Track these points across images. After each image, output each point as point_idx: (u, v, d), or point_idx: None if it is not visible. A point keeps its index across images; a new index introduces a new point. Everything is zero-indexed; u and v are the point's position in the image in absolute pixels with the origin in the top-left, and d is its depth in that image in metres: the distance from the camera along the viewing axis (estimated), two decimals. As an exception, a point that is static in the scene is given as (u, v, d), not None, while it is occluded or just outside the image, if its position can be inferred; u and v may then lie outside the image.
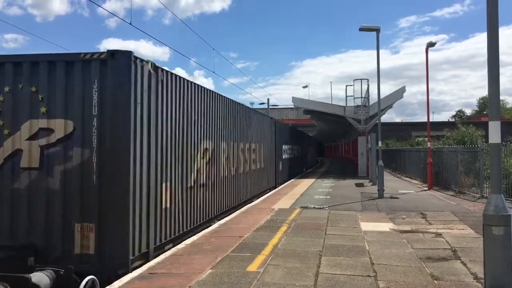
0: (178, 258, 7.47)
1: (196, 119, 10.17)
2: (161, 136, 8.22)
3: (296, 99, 32.36)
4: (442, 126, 39.71)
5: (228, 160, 12.98)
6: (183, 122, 9.34)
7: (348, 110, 29.02)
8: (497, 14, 5.32)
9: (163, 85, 8.29)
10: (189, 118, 9.72)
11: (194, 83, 10.11)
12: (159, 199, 8.06)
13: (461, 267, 6.83)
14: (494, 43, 5.31)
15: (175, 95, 8.89)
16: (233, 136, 13.53)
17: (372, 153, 24.03)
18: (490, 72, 5.33)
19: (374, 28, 18.22)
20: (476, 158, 16.60)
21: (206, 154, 10.80)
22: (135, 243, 7.13)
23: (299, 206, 13.94)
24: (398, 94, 29.02)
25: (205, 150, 10.77)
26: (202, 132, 10.61)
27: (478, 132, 24.36)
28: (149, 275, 6.51)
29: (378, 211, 13.00)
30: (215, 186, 11.64)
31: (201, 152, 10.49)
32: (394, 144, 50.17)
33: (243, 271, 6.61)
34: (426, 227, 10.32)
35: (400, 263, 7.04)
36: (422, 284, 5.99)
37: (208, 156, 10.98)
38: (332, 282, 6.05)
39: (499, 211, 5.11)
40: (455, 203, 14.67)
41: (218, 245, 8.36)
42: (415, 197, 16.86)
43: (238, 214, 12.47)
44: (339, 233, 9.51)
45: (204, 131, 10.79)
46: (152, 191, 7.72)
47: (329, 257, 7.39)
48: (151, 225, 7.69)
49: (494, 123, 5.33)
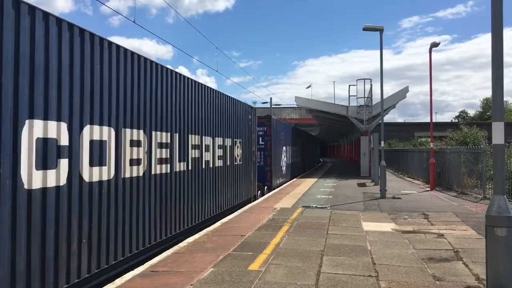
0: (180, 256, 7.48)
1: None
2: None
3: (299, 98, 32.30)
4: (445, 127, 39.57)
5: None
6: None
7: (351, 110, 28.97)
8: (501, 14, 5.31)
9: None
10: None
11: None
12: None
13: (463, 268, 6.81)
14: (498, 43, 5.29)
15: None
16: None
17: (374, 153, 24.00)
18: (494, 73, 5.32)
19: (378, 28, 18.19)
20: (478, 159, 16.56)
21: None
22: None
23: (301, 206, 13.94)
24: (401, 94, 28.94)
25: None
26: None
27: (481, 133, 24.28)
28: (151, 273, 6.52)
29: (380, 211, 12.99)
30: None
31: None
32: (397, 144, 50.03)
33: (244, 270, 6.62)
34: (428, 227, 10.30)
35: (402, 264, 7.03)
36: (424, 284, 5.98)
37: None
38: (333, 281, 6.04)
39: (502, 212, 5.10)
40: (457, 204, 14.64)
41: (220, 244, 8.37)
42: (417, 198, 16.83)
43: (240, 213, 12.48)
44: (341, 233, 9.51)
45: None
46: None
47: (330, 257, 7.39)
48: None
49: (497, 124, 5.32)
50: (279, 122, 22.77)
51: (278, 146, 21.92)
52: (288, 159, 25.64)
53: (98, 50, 6.68)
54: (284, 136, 24.17)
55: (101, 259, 6.60)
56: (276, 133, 21.02)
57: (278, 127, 21.92)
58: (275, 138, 20.49)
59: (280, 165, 22.55)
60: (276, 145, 20.67)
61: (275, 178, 20.58)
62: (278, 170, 21.86)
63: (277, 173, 21.23)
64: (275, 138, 20.71)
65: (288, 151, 25.70)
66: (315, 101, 33.30)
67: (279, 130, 22.23)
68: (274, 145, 20.00)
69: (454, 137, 24.52)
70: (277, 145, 21.07)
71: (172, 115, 9.25)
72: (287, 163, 25.05)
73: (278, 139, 21.67)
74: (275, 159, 20.29)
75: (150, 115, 8.25)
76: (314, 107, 32.01)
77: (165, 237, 8.79)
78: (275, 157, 20.55)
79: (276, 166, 20.97)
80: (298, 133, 32.88)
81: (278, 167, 21.84)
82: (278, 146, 21.90)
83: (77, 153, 6.14)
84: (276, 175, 20.89)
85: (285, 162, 24.45)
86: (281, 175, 22.96)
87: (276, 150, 20.83)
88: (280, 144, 22.71)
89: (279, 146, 22.06)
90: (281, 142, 23.08)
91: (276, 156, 20.64)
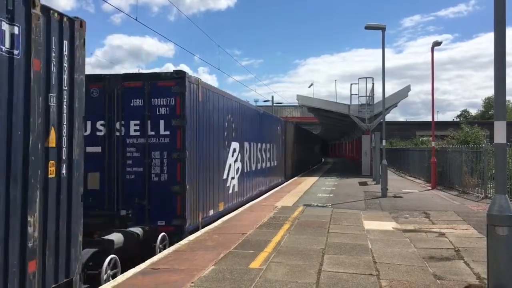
0: (181, 254, 7.49)
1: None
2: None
3: (300, 97, 32.27)
4: (446, 126, 39.60)
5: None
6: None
7: (353, 108, 28.94)
8: (504, 13, 5.29)
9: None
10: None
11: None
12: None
13: (464, 267, 6.81)
14: (501, 42, 5.28)
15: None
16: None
17: (375, 152, 23.97)
18: (497, 72, 5.31)
19: (380, 26, 18.16)
20: (480, 158, 16.54)
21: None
22: None
23: (302, 204, 13.94)
24: (403, 93, 28.90)
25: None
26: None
27: (482, 132, 24.28)
28: (152, 271, 6.54)
29: (381, 210, 12.98)
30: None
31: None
32: (398, 143, 49.95)
33: (245, 268, 6.62)
34: (429, 226, 10.30)
35: (403, 262, 7.03)
36: (425, 283, 5.98)
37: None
38: (334, 280, 6.05)
39: (503, 211, 5.09)
40: (458, 203, 14.63)
41: (221, 242, 8.38)
42: (418, 197, 16.82)
43: (241, 211, 12.48)
44: (342, 232, 9.51)
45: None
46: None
47: (331, 255, 7.39)
48: None
49: (499, 123, 5.31)
50: (215, 93, 11.46)
51: (219, 140, 11.71)
52: (253, 164, 15.99)
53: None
54: (244, 123, 14.48)
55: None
56: (208, 113, 10.74)
57: (214, 100, 11.24)
58: (202, 122, 10.30)
59: (223, 179, 12.10)
60: (204, 138, 10.44)
61: (199, 208, 9.93)
62: (214, 190, 11.16)
63: (209, 197, 10.67)
64: (204, 122, 10.46)
65: (254, 150, 16.07)
66: (317, 100, 33.24)
67: (220, 109, 11.82)
68: (198, 138, 10.02)
69: (455, 136, 24.51)
70: (211, 139, 10.94)
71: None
72: (248, 171, 15.08)
73: (213, 126, 11.19)
74: (200, 167, 10.02)
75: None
76: (316, 105, 31.96)
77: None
78: (202, 163, 10.21)
79: (206, 183, 10.50)
80: (300, 132, 32.83)
81: (214, 185, 11.20)
82: (218, 141, 11.68)
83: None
84: (203, 201, 10.23)
85: (244, 170, 14.51)
86: (228, 198, 12.50)
87: (205, 149, 10.49)
88: (226, 138, 12.45)
89: (220, 141, 11.82)
90: (229, 133, 12.73)
91: (205, 160, 10.46)
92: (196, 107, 9.87)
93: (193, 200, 9.56)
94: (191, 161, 9.44)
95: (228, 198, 12.58)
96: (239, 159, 13.84)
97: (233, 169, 13.13)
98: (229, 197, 12.65)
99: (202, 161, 10.30)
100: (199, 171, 10.04)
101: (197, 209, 9.77)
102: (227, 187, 12.54)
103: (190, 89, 9.51)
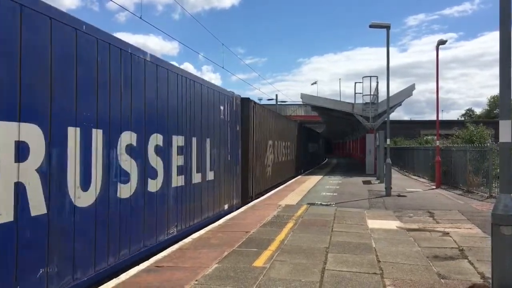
0: (185, 252, 7.51)
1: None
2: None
3: (304, 95, 32.24)
4: (451, 125, 39.38)
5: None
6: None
7: (357, 107, 28.89)
8: (509, 11, 5.26)
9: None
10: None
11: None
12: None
13: (468, 267, 6.79)
14: (506, 41, 5.25)
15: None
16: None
17: (380, 150, 23.92)
18: (502, 70, 5.28)
19: (385, 25, 18.11)
20: (485, 157, 16.47)
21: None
22: None
23: (306, 203, 13.94)
24: (407, 91, 28.81)
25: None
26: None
27: (487, 131, 24.12)
28: (156, 268, 6.56)
29: (385, 209, 12.96)
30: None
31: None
32: (403, 142, 49.78)
33: (249, 266, 6.63)
34: (434, 225, 10.27)
35: (407, 261, 7.02)
36: (429, 282, 5.97)
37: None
38: (338, 278, 6.05)
39: (508, 210, 5.07)
40: (463, 202, 14.57)
41: (224, 240, 8.39)
42: (422, 196, 16.77)
43: (245, 209, 12.50)
44: (345, 230, 9.50)
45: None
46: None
47: (335, 254, 7.39)
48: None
49: (505, 122, 5.28)
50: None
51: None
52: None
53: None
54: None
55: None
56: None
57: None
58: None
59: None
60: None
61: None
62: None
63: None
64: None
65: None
66: (321, 98, 33.19)
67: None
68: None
69: (460, 135, 24.38)
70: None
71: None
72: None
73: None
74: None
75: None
76: (320, 104, 31.92)
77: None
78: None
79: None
80: (304, 131, 32.80)
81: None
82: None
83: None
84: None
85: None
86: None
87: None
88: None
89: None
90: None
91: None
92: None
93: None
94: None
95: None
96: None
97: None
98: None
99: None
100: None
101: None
102: (266, 171, 17.12)
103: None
